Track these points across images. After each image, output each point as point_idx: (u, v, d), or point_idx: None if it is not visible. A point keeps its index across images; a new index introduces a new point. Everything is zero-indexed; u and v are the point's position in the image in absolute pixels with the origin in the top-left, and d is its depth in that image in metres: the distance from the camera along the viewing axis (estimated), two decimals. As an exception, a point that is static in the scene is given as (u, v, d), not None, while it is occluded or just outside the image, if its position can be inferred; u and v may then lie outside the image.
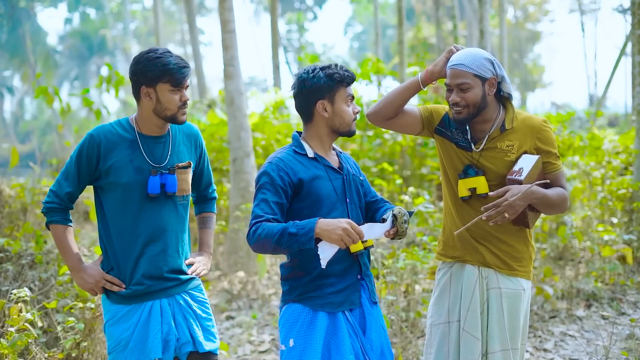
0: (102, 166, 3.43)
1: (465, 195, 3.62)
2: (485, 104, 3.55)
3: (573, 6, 49.47)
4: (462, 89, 3.50)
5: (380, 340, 3.46)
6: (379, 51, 23.59)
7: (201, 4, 53.01)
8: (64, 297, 5.26)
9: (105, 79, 12.45)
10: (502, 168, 3.57)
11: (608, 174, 10.41)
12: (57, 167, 12.35)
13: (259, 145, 11.27)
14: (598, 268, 7.61)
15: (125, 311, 3.47)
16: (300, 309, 3.35)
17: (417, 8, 41.99)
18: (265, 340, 6.56)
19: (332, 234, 3.08)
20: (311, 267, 3.31)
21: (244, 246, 8.88)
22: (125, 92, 36.29)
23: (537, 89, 51.51)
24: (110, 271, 3.50)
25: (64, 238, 3.50)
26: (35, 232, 6.28)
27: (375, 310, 3.50)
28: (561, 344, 6.13)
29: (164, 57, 3.39)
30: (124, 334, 3.45)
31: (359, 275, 3.44)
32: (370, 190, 3.67)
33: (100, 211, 3.54)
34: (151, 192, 3.46)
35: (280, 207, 3.28)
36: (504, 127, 3.60)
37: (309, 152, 3.43)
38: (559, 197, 3.56)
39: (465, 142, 3.67)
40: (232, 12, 9.24)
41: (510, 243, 3.64)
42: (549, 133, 3.63)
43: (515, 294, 3.61)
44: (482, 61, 3.51)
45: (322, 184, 3.38)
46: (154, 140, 3.54)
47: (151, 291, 3.49)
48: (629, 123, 21.71)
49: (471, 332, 3.59)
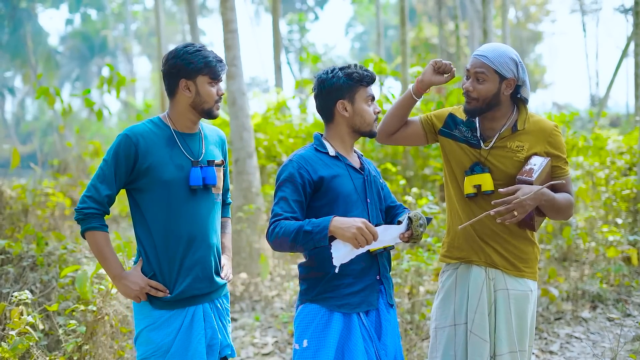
0: (140, 166, 3.34)
1: (471, 193, 3.59)
2: (497, 102, 3.53)
3: (574, 6, 49.51)
4: (478, 79, 3.50)
5: (394, 346, 3.43)
6: (381, 51, 23.56)
7: (202, 5, 53.03)
8: (66, 299, 5.22)
9: (107, 79, 12.43)
10: (510, 167, 3.54)
11: (612, 175, 10.37)
12: (58, 168, 12.31)
13: (261, 145, 11.24)
14: (603, 269, 7.56)
15: (167, 316, 3.39)
16: (316, 310, 3.34)
17: (418, 8, 42.02)
18: (268, 343, 6.51)
19: (345, 232, 3.05)
20: (329, 267, 3.25)
21: (246, 247, 8.84)
22: (126, 93, 36.31)
23: (539, 89, 51.44)
24: (152, 276, 3.40)
25: (104, 246, 3.37)
26: (36, 233, 6.23)
27: (391, 315, 3.47)
28: (567, 346, 6.08)
29: (204, 51, 3.41)
30: (166, 339, 3.36)
31: (378, 277, 3.41)
32: (389, 196, 3.67)
33: (138, 214, 3.43)
34: (193, 184, 3.39)
35: (300, 205, 3.29)
36: (516, 127, 3.58)
37: (330, 151, 3.44)
38: (566, 203, 3.55)
39: (475, 140, 3.64)
40: (234, 11, 9.20)
41: (516, 244, 3.61)
42: (559, 138, 3.61)
43: (523, 295, 3.59)
44: (507, 59, 3.49)
45: (343, 182, 3.37)
46: (189, 137, 3.51)
47: (196, 295, 3.43)
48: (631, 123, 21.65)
49: (479, 335, 3.55)
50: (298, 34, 50.21)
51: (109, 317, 4.94)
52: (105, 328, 4.95)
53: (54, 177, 11.80)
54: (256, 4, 56.54)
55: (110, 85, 12.53)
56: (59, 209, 9.76)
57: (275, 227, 3.19)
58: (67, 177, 11.56)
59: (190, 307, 3.43)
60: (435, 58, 6.22)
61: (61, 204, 9.77)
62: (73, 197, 11.06)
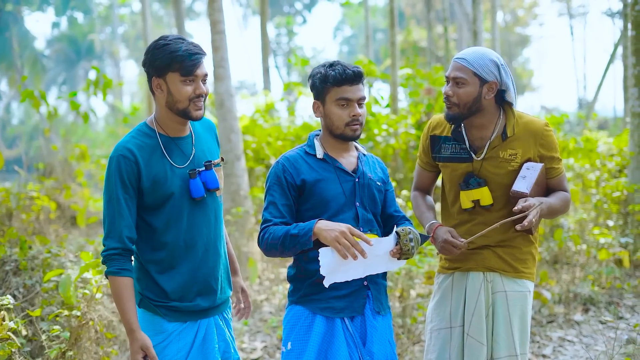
0: (144, 184, 3.11)
1: (469, 207, 3.53)
2: (479, 107, 3.43)
3: (562, 10, 49.59)
4: (457, 83, 3.41)
5: (384, 353, 3.31)
6: (370, 54, 23.56)
7: (190, 8, 52.90)
8: (49, 304, 5.11)
9: (93, 82, 12.32)
10: (506, 178, 3.47)
11: (603, 177, 10.36)
12: (43, 172, 12.18)
13: (249, 148, 11.17)
14: (594, 272, 7.52)
15: (180, 330, 3.21)
16: (300, 312, 3.30)
17: (406, 12, 42.03)
18: (257, 348, 6.42)
19: (328, 235, 3.01)
20: (313, 270, 3.20)
21: (234, 251, 8.74)
22: (114, 96, 36.19)
23: (527, 92, 51.63)
24: (157, 295, 3.20)
25: (122, 293, 3.05)
26: (20, 237, 6.11)
27: (380, 322, 3.35)
28: (560, 349, 6.04)
29: (173, 44, 3.08)
30: (178, 355, 3.19)
31: (365, 282, 3.32)
32: (392, 203, 3.53)
33: (147, 232, 3.21)
34: (196, 196, 3.19)
35: (289, 208, 3.28)
36: (506, 134, 3.49)
37: (318, 153, 3.34)
38: (562, 203, 3.52)
39: (465, 154, 3.55)
40: (221, 12, 9.12)
41: (515, 245, 3.55)
42: (551, 137, 3.54)
43: (521, 296, 3.53)
44: (487, 62, 3.40)
45: (328, 186, 3.28)
46: (181, 141, 3.26)
47: (209, 307, 3.28)
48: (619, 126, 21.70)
49: (476, 338, 3.48)
50: (286, 37, 50.18)
51: (93, 323, 4.85)
52: (90, 333, 4.85)
53: (39, 180, 11.67)
54: (244, 7, 56.48)
55: (97, 88, 12.41)
56: (44, 212, 9.64)
57: (265, 234, 3.20)
58: (52, 181, 11.43)
59: (203, 320, 3.27)
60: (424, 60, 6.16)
61: (46, 207, 9.65)
62: (58, 201, 10.95)
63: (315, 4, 56.81)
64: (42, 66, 38.88)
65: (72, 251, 6.53)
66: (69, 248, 6.52)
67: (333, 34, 62.69)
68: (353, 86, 3.26)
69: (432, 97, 11.86)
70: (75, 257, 6.07)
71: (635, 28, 8.48)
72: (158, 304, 3.20)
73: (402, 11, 41.71)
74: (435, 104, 11.62)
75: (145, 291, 3.24)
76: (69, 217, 11.47)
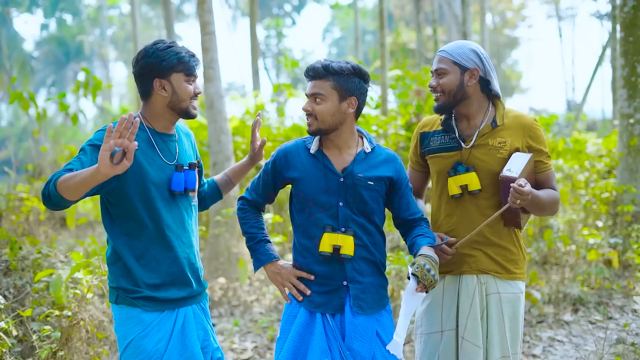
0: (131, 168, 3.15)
1: (457, 193, 3.53)
2: (464, 95, 3.49)
3: (551, 12, 49.81)
4: (439, 74, 3.51)
5: (370, 352, 3.29)
6: (359, 56, 23.60)
7: (179, 10, 52.83)
8: (40, 304, 5.09)
9: (83, 84, 12.28)
10: (495, 165, 3.48)
11: (592, 178, 10.40)
12: (32, 173, 12.14)
13: (239, 149, 11.16)
14: (584, 272, 7.55)
15: (158, 320, 3.25)
16: (291, 303, 3.43)
17: (395, 14, 42.12)
18: (247, 348, 6.41)
19: (273, 279, 3.47)
20: (299, 265, 3.41)
21: (224, 252, 8.74)
22: (103, 98, 36.07)
23: (515, 94, 51.77)
24: (134, 284, 3.25)
25: (70, 177, 2.88)
26: (10, 238, 6.10)
27: (361, 321, 3.32)
28: (550, 349, 6.05)
29: (175, 47, 3.26)
30: (158, 345, 3.23)
31: (345, 282, 3.32)
32: (407, 207, 3.48)
33: (111, 218, 3.29)
34: (175, 189, 3.29)
35: (266, 190, 3.53)
36: (495, 122, 3.52)
37: (312, 148, 3.39)
38: (550, 199, 3.49)
39: (454, 142, 3.57)
40: (211, 14, 9.11)
41: (505, 245, 3.55)
42: (540, 132, 3.56)
43: (514, 297, 3.53)
44: (466, 50, 3.48)
45: (311, 183, 3.34)
46: (168, 137, 3.38)
47: (185, 297, 3.34)
48: (607, 128, 21.78)
49: (472, 341, 3.47)
50: (275, 39, 50.15)
51: (84, 323, 4.84)
52: (81, 334, 4.85)
53: (28, 182, 11.63)
54: (233, 9, 56.45)
55: (86, 90, 12.37)
56: (34, 213, 9.60)
57: (241, 212, 3.59)
58: (42, 182, 11.39)
59: (181, 309, 3.33)
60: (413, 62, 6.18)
61: (36, 208, 9.60)
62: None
63: (305, 6, 56.84)
64: (31, 68, 38.75)
65: (62, 252, 6.51)
66: (59, 249, 6.49)
67: (322, 35, 62.67)
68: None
69: (422, 99, 11.88)
70: (65, 257, 6.05)
71: (624, 30, 8.52)
72: (134, 296, 3.25)
73: (392, 13, 41.80)
74: (425, 105, 11.63)
75: (120, 281, 3.28)
76: (59, 219, 11.43)
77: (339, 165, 3.36)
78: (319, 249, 3.29)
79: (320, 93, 3.28)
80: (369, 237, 3.37)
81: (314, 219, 3.33)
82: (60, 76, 47.67)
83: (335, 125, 3.31)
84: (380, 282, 3.44)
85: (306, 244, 3.37)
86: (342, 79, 3.29)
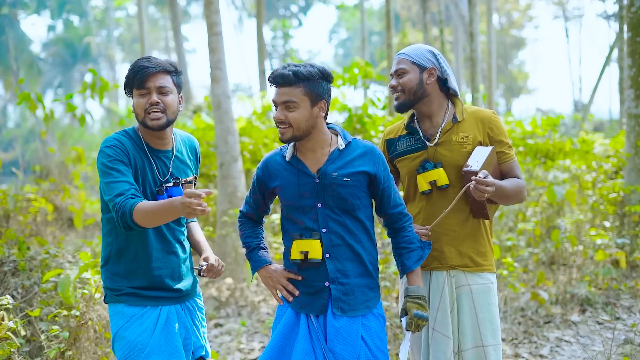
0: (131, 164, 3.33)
1: (426, 189, 3.63)
2: (424, 92, 3.63)
3: (557, 12, 49.72)
4: (398, 74, 3.65)
5: (352, 355, 3.24)
6: (365, 57, 23.60)
7: (185, 11, 52.92)
8: (48, 305, 5.11)
9: (90, 85, 12.30)
10: (460, 160, 3.60)
11: (599, 178, 10.37)
12: (40, 174, 12.18)
13: (246, 149, 11.16)
14: (591, 272, 7.54)
15: (140, 314, 3.36)
16: (283, 303, 3.48)
17: (402, 15, 42.11)
18: (255, 348, 6.43)
19: (264, 282, 3.52)
20: (287, 265, 3.45)
21: (231, 252, 8.76)
22: (110, 99, 36.13)
23: (522, 94, 51.72)
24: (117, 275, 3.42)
25: (149, 206, 3.14)
26: (18, 238, 6.12)
27: (343, 323, 3.27)
28: (557, 349, 6.05)
29: (137, 62, 3.34)
30: (140, 337, 3.32)
31: (326, 283, 3.30)
32: (389, 201, 3.43)
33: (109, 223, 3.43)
34: None
35: (256, 202, 3.57)
36: (456, 118, 3.66)
37: (287, 155, 3.39)
38: (514, 187, 3.61)
39: (419, 143, 3.70)
40: (218, 14, 9.13)
41: (474, 239, 3.66)
42: (499, 123, 3.70)
43: (485, 288, 3.64)
44: (423, 51, 3.66)
45: (288, 190, 3.36)
46: (161, 154, 3.44)
47: (167, 297, 3.44)
48: (614, 128, 21.73)
49: (442, 332, 3.59)
50: (282, 40, 50.18)
51: (92, 322, 4.86)
52: (89, 333, 4.86)
53: (36, 183, 11.67)
54: (239, 11, 56.50)
55: (93, 91, 12.39)
56: (41, 214, 9.65)
57: (239, 225, 3.67)
58: (49, 183, 11.43)
59: (164, 307, 3.42)
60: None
61: (43, 209, 9.65)
62: (55, 203, 10.95)
63: (311, 7, 56.89)
64: (38, 69, 38.80)
65: (70, 252, 6.53)
66: (66, 249, 6.51)
67: (329, 36, 62.79)
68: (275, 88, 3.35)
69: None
70: (73, 257, 6.07)
71: (631, 30, 8.50)
72: (118, 293, 3.40)
73: (398, 14, 41.79)
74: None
75: (107, 281, 3.44)
76: (66, 219, 11.47)
77: (314, 167, 3.33)
78: (290, 257, 3.34)
79: (293, 100, 3.21)
80: (351, 236, 3.31)
81: (296, 224, 3.35)
82: (67, 77, 47.80)
83: (308, 130, 3.27)
84: (368, 283, 3.38)
85: (287, 250, 3.44)
86: (312, 84, 3.22)
